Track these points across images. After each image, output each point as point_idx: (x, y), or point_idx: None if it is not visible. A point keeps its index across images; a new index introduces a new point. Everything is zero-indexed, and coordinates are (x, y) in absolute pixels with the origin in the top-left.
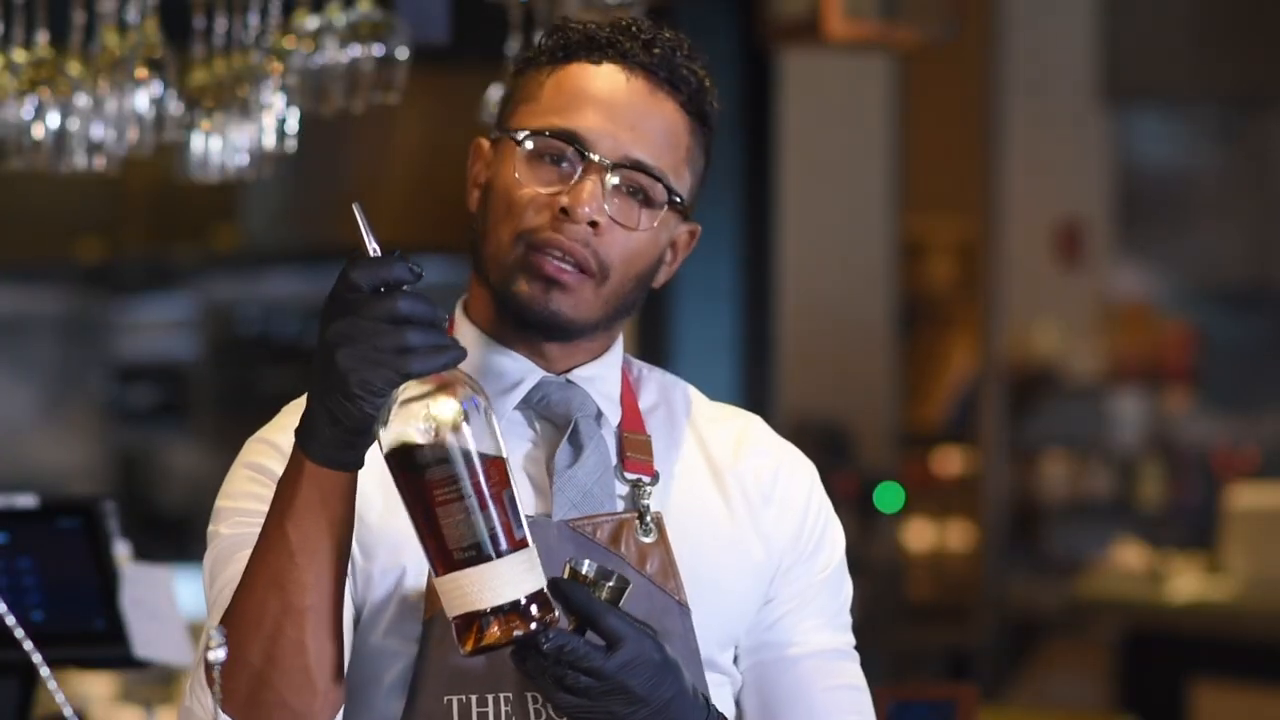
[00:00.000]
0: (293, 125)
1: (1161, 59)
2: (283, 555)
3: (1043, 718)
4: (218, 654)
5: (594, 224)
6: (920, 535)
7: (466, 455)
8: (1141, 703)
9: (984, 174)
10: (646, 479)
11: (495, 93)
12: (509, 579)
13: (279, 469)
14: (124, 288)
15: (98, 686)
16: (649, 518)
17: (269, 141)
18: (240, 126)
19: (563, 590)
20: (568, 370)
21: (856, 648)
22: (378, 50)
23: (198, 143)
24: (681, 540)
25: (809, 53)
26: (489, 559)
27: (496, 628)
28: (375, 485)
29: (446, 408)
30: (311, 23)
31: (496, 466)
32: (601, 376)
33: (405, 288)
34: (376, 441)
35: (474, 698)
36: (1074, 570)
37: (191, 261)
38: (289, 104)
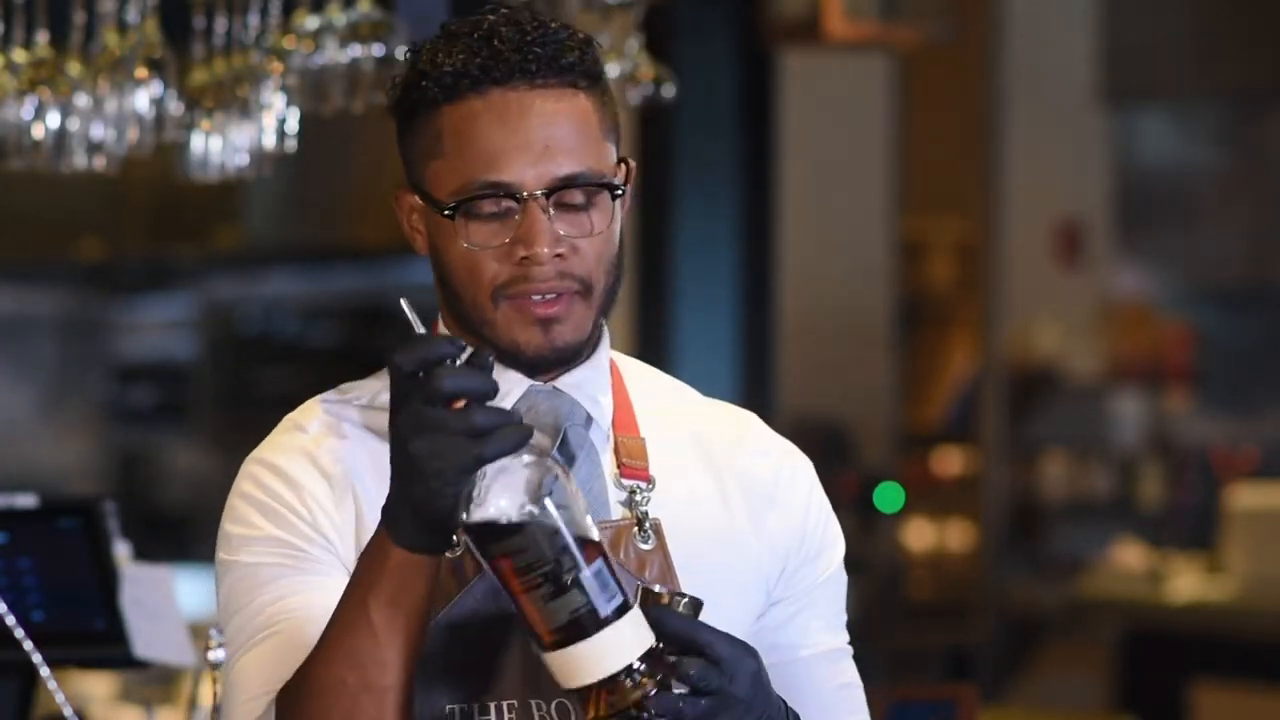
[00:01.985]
0: (293, 125)
1: (1161, 59)
2: (364, 636)
3: (1043, 718)
4: (217, 654)
5: (559, 255)
6: (920, 535)
7: (542, 542)
8: (1141, 703)
9: (984, 174)
10: (643, 484)
11: None
12: (610, 650)
13: (285, 491)
14: (124, 288)
15: (98, 686)
16: (647, 524)
17: (269, 141)
18: (240, 126)
19: (654, 616)
20: (555, 376)
21: (851, 643)
22: (378, 50)
23: (198, 143)
24: (680, 544)
25: (809, 53)
26: (584, 637)
27: (611, 697)
28: (375, 486)
29: (520, 494)
30: (311, 23)
31: (581, 543)
32: (589, 379)
33: (451, 363)
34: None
35: (476, 705)
36: (1074, 570)
37: (191, 261)
38: (289, 104)
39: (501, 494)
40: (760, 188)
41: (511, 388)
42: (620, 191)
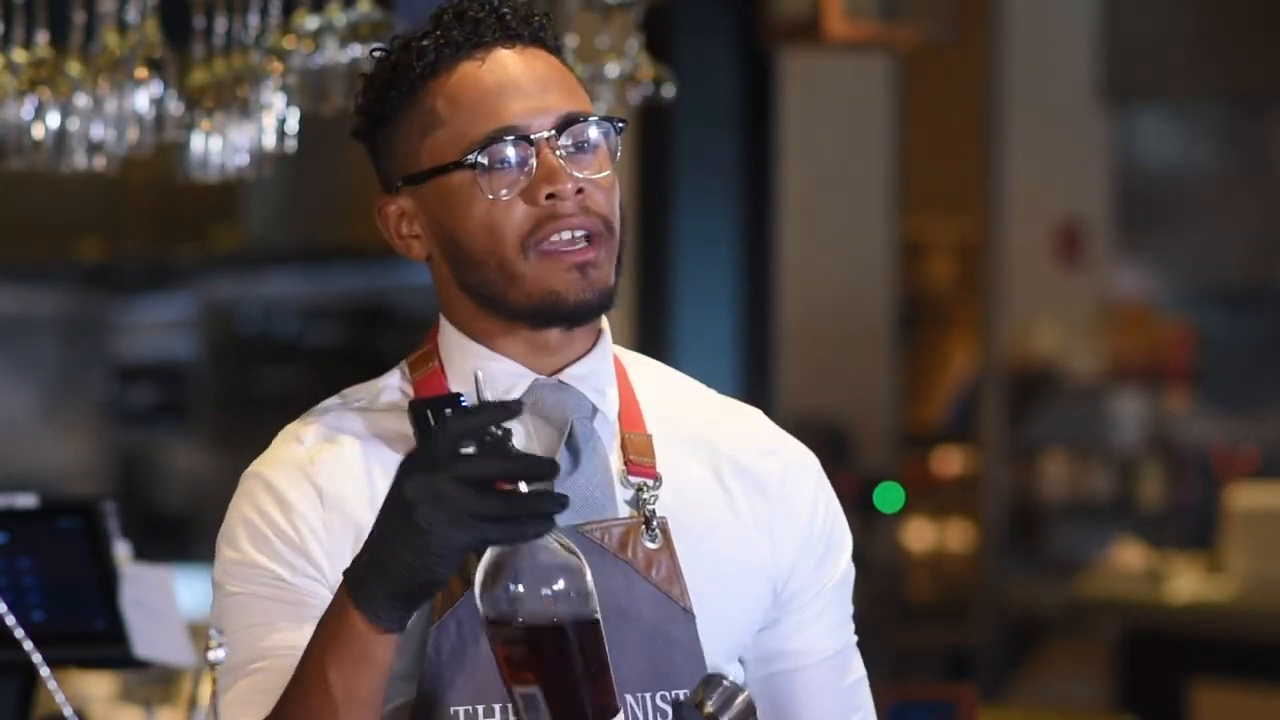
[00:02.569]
0: (293, 125)
1: (1161, 59)
2: (323, 701)
3: (1043, 718)
4: (217, 654)
5: (580, 191)
6: (920, 535)
7: (533, 645)
8: (1141, 703)
9: (984, 174)
10: (650, 482)
11: None
12: None
13: (275, 512)
14: (124, 288)
15: (98, 686)
16: (655, 523)
17: (269, 141)
18: (240, 126)
19: None
20: (560, 370)
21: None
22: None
23: (198, 143)
24: (686, 543)
25: (809, 53)
26: None
27: None
28: (381, 491)
29: (526, 589)
30: (311, 23)
31: (584, 635)
32: (594, 372)
33: (500, 432)
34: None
35: (480, 708)
36: (1074, 570)
37: (191, 261)
38: (289, 104)
39: (513, 587)
40: (760, 187)
41: (516, 382)
42: (623, 125)
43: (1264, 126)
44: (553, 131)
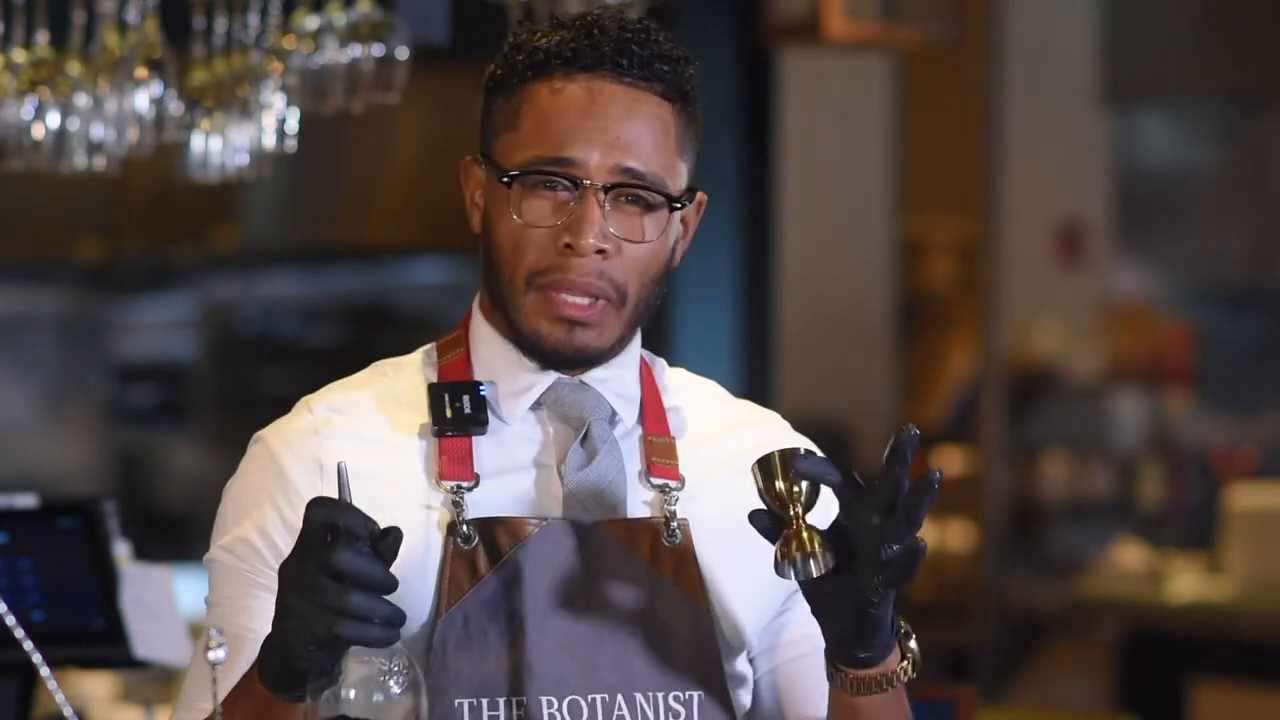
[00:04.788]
0: (293, 125)
1: (1161, 59)
2: None
3: (1043, 718)
4: (217, 654)
5: (601, 251)
6: (920, 535)
7: None
8: (1141, 703)
9: (984, 174)
10: (673, 483)
11: None
12: None
13: (271, 483)
14: (124, 288)
15: (98, 686)
16: (675, 524)
17: (269, 141)
18: (240, 126)
19: (807, 464)
20: (582, 371)
21: None
22: (378, 50)
23: (198, 143)
24: (704, 545)
25: (809, 53)
26: None
27: None
28: (386, 459)
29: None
30: (311, 23)
31: None
32: (617, 377)
33: (357, 543)
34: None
35: (485, 700)
36: (1074, 570)
37: (191, 261)
38: (289, 104)
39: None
40: (760, 187)
41: (538, 380)
42: (679, 205)
43: (1264, 127)
44: (602, 184)
